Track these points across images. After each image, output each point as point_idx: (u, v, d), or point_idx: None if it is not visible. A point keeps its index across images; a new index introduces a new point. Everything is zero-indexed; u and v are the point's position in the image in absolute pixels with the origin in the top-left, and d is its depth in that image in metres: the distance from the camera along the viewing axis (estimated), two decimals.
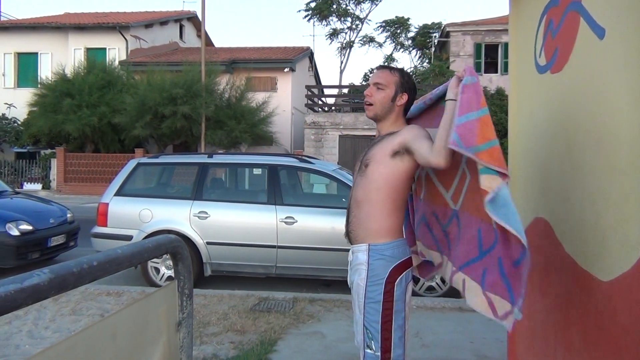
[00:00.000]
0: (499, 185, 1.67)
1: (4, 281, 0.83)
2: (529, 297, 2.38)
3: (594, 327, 1.70)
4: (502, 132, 19.65)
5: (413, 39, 32.60)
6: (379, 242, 2.16)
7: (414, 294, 5.59)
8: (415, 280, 5.70)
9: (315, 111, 21.53)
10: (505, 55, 23.63)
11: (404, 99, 2.26)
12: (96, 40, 23.62)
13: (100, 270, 1.02)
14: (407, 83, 2.27)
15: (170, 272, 6.00)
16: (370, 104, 2.24)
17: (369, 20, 32.73)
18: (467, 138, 1.75)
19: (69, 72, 20.43)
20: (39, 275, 0.86)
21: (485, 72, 24.71)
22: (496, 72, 24.74)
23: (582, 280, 1.79)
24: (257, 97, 20.31)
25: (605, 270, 1.63)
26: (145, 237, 5.87)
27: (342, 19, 32.75)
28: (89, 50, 23.32)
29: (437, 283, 5.67)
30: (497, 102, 19.73)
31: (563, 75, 1.98)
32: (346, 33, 33.42)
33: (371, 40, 34.01)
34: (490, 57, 25.09)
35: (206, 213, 5.94)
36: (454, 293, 5.60)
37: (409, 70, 32.13)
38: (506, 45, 22.91)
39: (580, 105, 1.83)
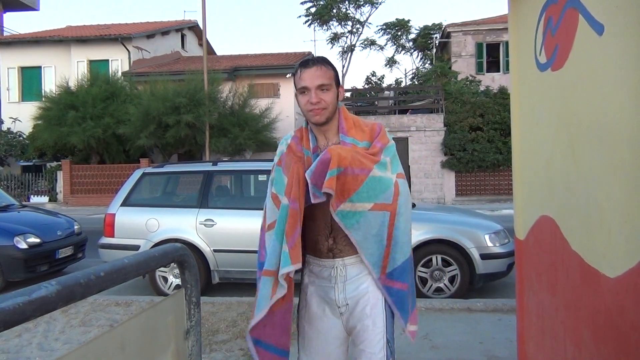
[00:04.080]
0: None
1: (12, 294, 0.84)
2: (537, 295, 2.37)
3: (603, 324, 1.69)
4: (506, 131, 19.55)
5: (414, 40, 32.59)
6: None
7: (423, 295, 5.58)
8: (423, 282, 5.69)
9: None
10: (507, 54, 23.49)
11: (342, 93, 2.04)
12: (99, 52, 23.76)
13: (107, 281, 1.03)
14: (337, 74, 2.04)
15: (179, 281, 6.01)
16: (324, 108, 1.94)
17: (370, 23, 32.82)
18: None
19: (72, 84, 20.54)
20: (46, 287, 0.87)
21: (488, 72, 24.69)
22: (498, 71, 24.71)
23: (590, 277, 1.78)
24: (260, 103, 20.36)
25: (611, 266, 1.63)
26: (153, 247, 5.88)
27: (343, 23, 32.77)
28: (91, 63, 23.46)
29: (445, 285, 5.66)
30: (500, 101, 19.72)
31: (564, 73, 1.98)
32: (347, 37, 33.43)
33: (372, 43, 34.01)
34: (492, 56, 25.07)
35: (212, 221, 5.96)
36: (462, 294, 5.58)
37: (411, 72, 32.18)
38: (507, 44, 22.84)
39: (582, 101, 1.83)
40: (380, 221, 1.87)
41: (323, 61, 1.98)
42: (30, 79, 24.29)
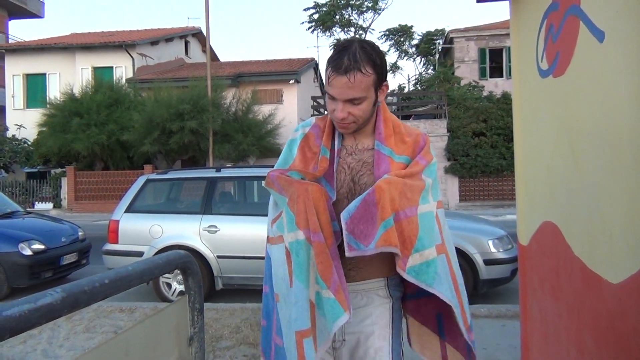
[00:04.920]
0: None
1: (18, 301, 0.85)
2: (541, 301, 2.37)
3: (605, 329, 1.69)
4: (509, 136, 19.53)
5: (417, 46, 32.69)
6: (394, 275, 1.64)
7: None
8: None
9: None
10: (510, 60, 23.60)
11: (385, 90, 1.62)
12: (103, 59, 23.89)
13: (111, 288, 1.04)
14: (383, 67, 1.58)
15: (182, 287, 6.02)
16: (353, 122, 1.58)
17: (373, 29, 32.90)
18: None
19: (77, 91, 20.68)
20: (51, 294, 0.88)
21: (491, 77, 24.71)
22: (501, 76, 24.73)
23: (592, 283, 1.79)
24: (264, 109, 20.42)
25: (614, 272, 1.63)
26: (156, 253, 5.90)
27: (346, 29, 32.90)
28: (96, 69, 23.60)
29: None
30: (503, 107, 19.72)
31: (565, 79, 1.99)
32: None
33: None
34: (495, 62, 25.10)
35: (216, 227, 5.97)
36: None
37: (414, 78, 32.17)
38: (510, 49, 22.86)
39: (583, 107, 1.83)
40: (446, 267, 1.55)
41: (361, 63, 1.49)
42: (35, 86, 24.45)
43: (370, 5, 31.58)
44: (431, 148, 1.68)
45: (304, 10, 32.45)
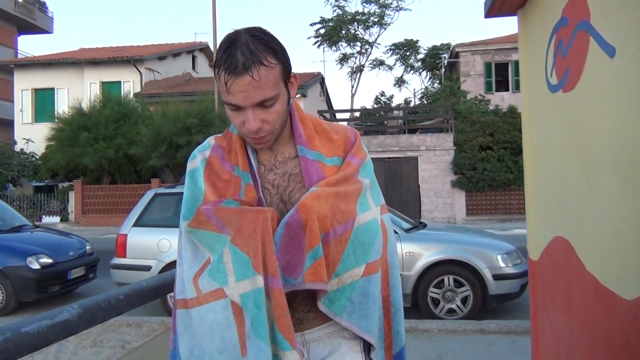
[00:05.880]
0: None
1: (36, 318, 0.85)
2: (552, 316, 2.35)
3: (620, 346, 1.68)
4: (516, 150, 19.50)
5: (423, 60, 32.83)
6: None
7: (435, 317, 5.53)
8: (436, 303, 5.64)
9: None
10: (516, 73, 23.67)
11: (295, 83, 1.33)
12: (111, 74, 24.11)
13: (127, 304, 1.04)
14: (285, 54, 1.27)
15: None
16: (270, 132, 1.27)
17: (379, 44, 33.11)
18: None
19: (85, 106, 20.85)
20: (69, 310, 0.89)
21: (497, 91, 24.75)
22: (507, 90, 24.78)
23: (606, 299, 1.77)
24: None
25: (628, 288, 1.62)
26: (164, 267, 5.91)
27: (352, 44, 33.09)
28: (104, 84, 23.82)
29: (457, 306, 5.61)
30: (510, 120, 19.72)
31: (575, 94, 1.99)
32: (356, 57, 33.73)
33: (381, 63, 34.28)
34: (500, 76, 25.16)
35: None
36: (475, 315, 5.53)
37: (420, 92, 32.23)
38: (516, 63, 22.96)
39: (594, 123, 1.83)
40: (375, 288, 1.30)
41: (260, 55, 1.18)
42: (43, 100, 24.68)
43: (376, 20, 31.77)
44: (362, 145, 1.43)
45: (311, 25, 32.65)
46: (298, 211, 1.18)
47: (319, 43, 33.38)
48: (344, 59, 33.76)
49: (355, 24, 32.24)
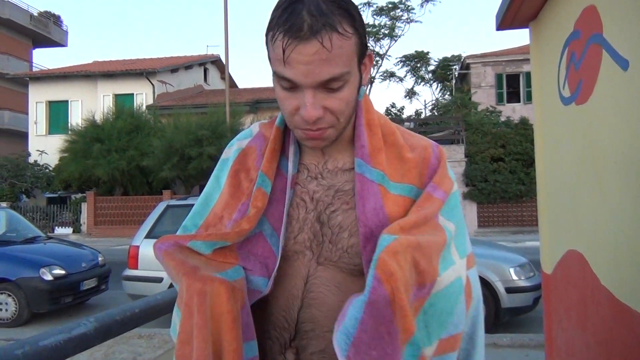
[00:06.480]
0: None
1: (53, 331, 0.86)
2: (566, 331, 2.33)
3: None
4: (528, 162, 19.38)
5: (433, 72, 32.85)
6: None
7: None
8: None
9: None
10: (527, 85, 23.61)
11: (369, 66, 1.05)
12: (124, 87, 24.38)
13: (142, 318, 1.05)
14: (363, 24, 0.99)
15: None
16: (331, 126, 0.94)
17: (389, 56, 33.10)
18: None
19: (98, 118, 21.09)
20: (85, 324, 0.89)
21: (508, 102, 24.68)
22: (519, 101, 24.69)
23: (621, 314, 1.75)
24: None
25: None
26: None
27: None
28: (117, 96, 24.10)
29: None
30: (522, 132, 19.65)
31: (588, 107, 1.99)
32: None
33: (392, 75, 34.34)
34: (512, 87, 25.10)
35: None
36: (487, 329, 5.48)
37: (431, 103, 32.22)
38: (528, 74, 22.91)
39: (608, 135, 1.82)
40: None
41: (333, 17, 0.87)
42: (57, 112, 25.01)
43: (386, 32, 31.88)
44: (448, 169, 1.05)
45: None
46: (381, 282, 0.80)
47: None
48: None
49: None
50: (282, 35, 0.86)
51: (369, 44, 1.00)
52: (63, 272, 6.92)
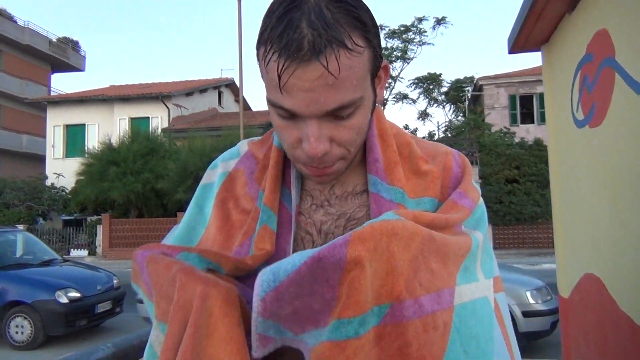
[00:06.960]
0: None
1: (72, 356, 0.87)
2: (585, 356, 2.29)
3: None
4: (543, 183, 19.21)
5: (446, 93, 32.89)
6: None
7: None
8: None
9: None
10: (541, 106, 23.53)
11: (385, 78, 0.87)
12: (140, 110, 24.73)
13: None
14: (378, 35, 0.79)
15: None
16: (341, 158, 0.78)
17: (402, 78, 33.18)
18: None
19: (114, 141, 21.35)
20: (103, 349, 0.90)
21: (522, 123, 24.60)
22: (533, 122, 24.60)
23: None
24: None
25: None
26: None
27: None
28: (133, 120, 24.43)
29: None
30: (536, 153, 19.56)
31: (602, 130, 1.98)
32: None
33: (404, 97, 34.42)
34: (525, 108, 25.03)
35: None
36: None
37: (444, 125, 32.19)
38: (541, 95, 22.85)
39: (623, 158, 1.82)
40: None
41: (340, 29, 0.69)
42: (74, 136, 25.38)
43: (399, 55, 32.09)
44: (473, 180, 0.90)
45: None
46: (346, 243, 0.65)
47: None
48: None
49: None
50: (276, 56, 0.68)
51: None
52: (78, 294, 6.96)
